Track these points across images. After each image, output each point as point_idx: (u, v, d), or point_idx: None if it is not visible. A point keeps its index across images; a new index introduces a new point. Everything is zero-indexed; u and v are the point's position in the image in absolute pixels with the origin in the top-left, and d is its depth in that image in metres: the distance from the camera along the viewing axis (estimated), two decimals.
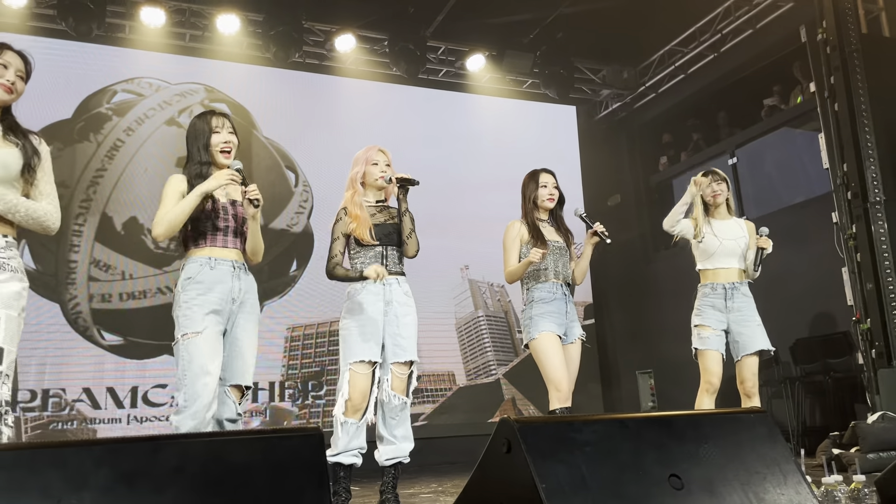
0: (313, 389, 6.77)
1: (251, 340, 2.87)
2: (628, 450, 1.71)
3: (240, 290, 2.84)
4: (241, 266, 2.88)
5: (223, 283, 2.80)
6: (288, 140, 7.19)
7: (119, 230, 6.42)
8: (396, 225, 3.30)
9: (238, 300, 2.84)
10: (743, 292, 3.82)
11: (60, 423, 5.91)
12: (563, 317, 3.53)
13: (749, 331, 3.74)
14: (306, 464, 1.44)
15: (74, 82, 6.53)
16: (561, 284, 3.58)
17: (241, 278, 2.85)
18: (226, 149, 2.91)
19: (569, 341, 3.56)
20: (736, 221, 3.96)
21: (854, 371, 5.80)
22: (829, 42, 5.92)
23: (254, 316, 2.90)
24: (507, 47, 7.48)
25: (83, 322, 6.16)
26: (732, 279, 3.82)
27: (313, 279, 6.85)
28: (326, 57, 7.31)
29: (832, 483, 2.26)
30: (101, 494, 1.30)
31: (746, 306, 3.79)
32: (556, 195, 3.67)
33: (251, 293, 2.90)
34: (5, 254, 2.35)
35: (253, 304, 2.90)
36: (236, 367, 2.82)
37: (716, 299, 3.80)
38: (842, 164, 5.80)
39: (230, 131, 2.95)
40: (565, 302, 3.57)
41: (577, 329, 3.61)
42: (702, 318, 3.80)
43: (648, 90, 8.21)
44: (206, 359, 2.69)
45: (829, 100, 5.93)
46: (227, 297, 2.80)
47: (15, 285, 2.35)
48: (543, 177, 3.69)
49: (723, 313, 3.78)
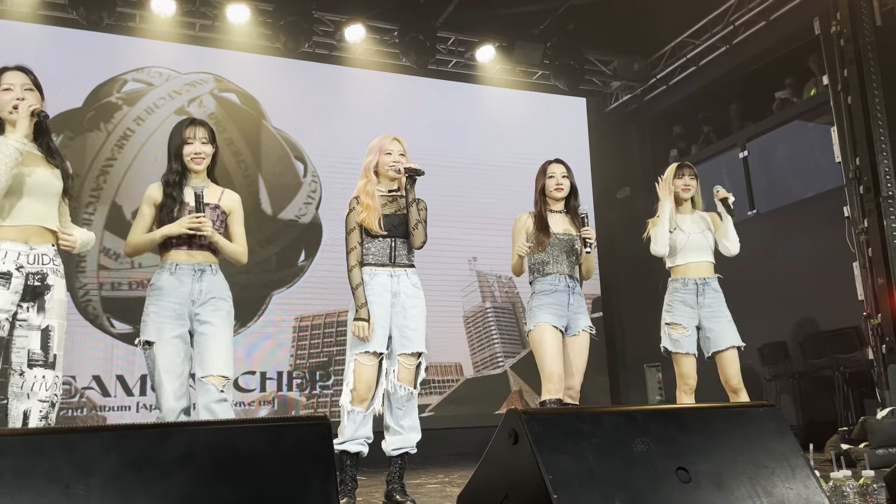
0: (321, 379, 6.79)
1: (217, 333, 2.90)
2: (636, 442, 1.71)
3: (200, 292, 2.91)
4: (206, 268, 2.95)
5: (183, 286, 2.90)
6: (297, 130, 7.18)
7: (129, 219, 6.44)
8: (406, 215, 3.29)
9: (199, 301, 2.90)
10: (713, 287, 3.78)
11: (70, 410, 5.96)
12: (563, 308, 3.50)
13: (720, 326, 3.71)
14: (314, 452, 1.44)
15: (85, 71, 6.54)
16: (564, 276, 3.54)
17: (202, 280, 2.93)
18: (196, 160, 3.00)
19: (571, 333, 3.53)
20: (700, 215, 3.95)
21: (864, 366, 5.77)
22: (843, 34, 5.86)
23: (220, 312, 2.93)
24: (518, 38, 7.45)
25: (93, 310, 6.19)
26: (703, 274, 3.79)
27: (321, 270, 6.86)
28: (336, 47, 7.30)
29: (841, 478, 2.25)
30: (109, 480, 1.30)
31: (717, 302, 3.75)
32: (564, 185, 3.63)
33: (215, 292, 2.94)
34: (57, 261, 2.62)
35: (216, 303, 2.93)
36: (207, 359, 2.88)
37: (687, 295, 3.77)
38: (854, 158, 5.75)
39: (203, 141, 3.02)
40: (568, 294, 3.53)
41: (583, 321, 3.56)
42: (673, 316, 3.78)
43: (659, 82, 8.15)
44: (163, 372, 2.83)
45: (843, 93, 5.88)
46: (185, 299, 2.89)
47: (62, 292, 2.61)
48: (552, 167, 3.67)
49: (694, 309, 3.75)
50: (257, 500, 1.37)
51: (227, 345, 2.92)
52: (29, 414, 2.45)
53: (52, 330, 2.53)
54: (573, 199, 3.68)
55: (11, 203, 2.53)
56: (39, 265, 2.54)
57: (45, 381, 2.48)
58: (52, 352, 2.51)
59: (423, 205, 3.35)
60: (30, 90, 2.63)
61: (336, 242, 3.44)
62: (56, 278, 2.58)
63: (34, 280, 2.52)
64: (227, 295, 2.99)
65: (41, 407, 2.46)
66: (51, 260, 2.58)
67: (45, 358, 2.49)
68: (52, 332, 2.53)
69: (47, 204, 2.60)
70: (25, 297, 2.51)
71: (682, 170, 3.95)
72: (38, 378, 2.46)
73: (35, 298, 2.52)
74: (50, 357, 2.50)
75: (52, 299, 2.55)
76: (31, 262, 2.53)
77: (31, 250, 2.53)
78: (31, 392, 2.45)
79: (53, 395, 2.50)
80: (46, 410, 2.48)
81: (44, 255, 2.56)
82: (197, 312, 2.90)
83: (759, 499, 1.69)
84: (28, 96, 2.61)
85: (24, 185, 2.54)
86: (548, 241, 3.53)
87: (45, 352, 2.50)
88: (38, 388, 2.46)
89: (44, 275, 2.54)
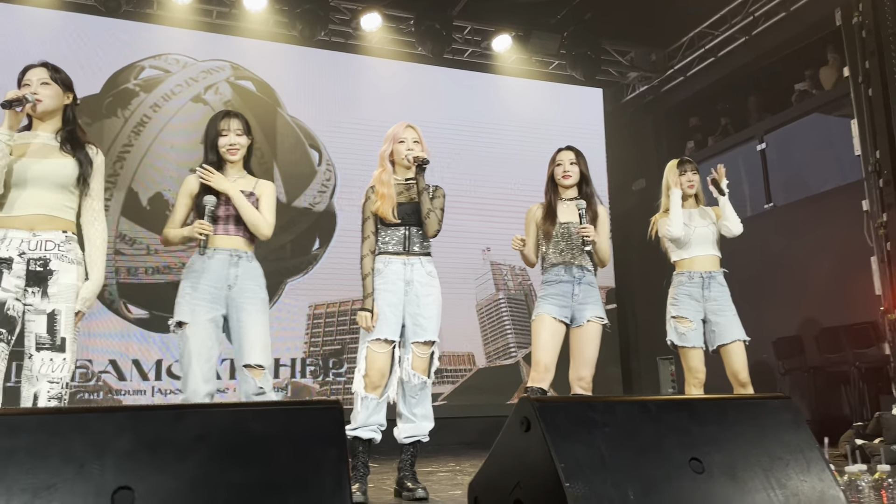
0: (334, 367, 6.82)
1: (252, 321, 2.96)
2: (649, 432, 1.70)
3: (236, 277, 2.97)
4: (241, 254, 3.03)
5: (218, 271, 2.97)
6: (312, 119, 7.19)
7: (145, 205, 6.49)
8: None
9: (235, 286, 2.97)
10: (719, 281, 3.75)
11: (87, 394, 6.02)
12: (567, 299, 3.46)
13: (725, 320, 3.68)
14: (326, 436, 1.44)
15: (103, 58, 6.58)
16: (571, 266, 3.48)
17: (238, 265, 2.99)
18: (231, 150, 3.08)
19: (577, 324, 3.48)
20: (703, 209, 3.92)
21: (880, 361, 5.71)
22: (865, 26, 5.78)
23: (255, 299, 2.99)
24: (534, 27, 7.40)
25: (109, 295, 6.25)
26: (709, 268, 3.76)
27: (335, 258, 6.88)
28: (352, 35, 7.29)
29: (856, 472, 2.23)
30: (123, 460, 1.31)
31: (722, 296, 3.73)
32: (572, 172, 3.56)
33: (250, 279, 3.00)
34: (66, 247, 2.62)
35: (253, 290, 3.00)
36: (243, 348, 2.94)
37: (692, 288, 3.75)
38: (874, 151, 5.68)
39: (238, 132, 3.10)
40: (573, 284, 3.47)
41: (590, 311, 3.46)
42: (678, 309, 3.76)
43: (677, 73, 8.08)
44: (192, 353, 2.89)
45: (864, 85, 5.80)
46: (221, 283, 2.96)
47: (71, 277, 2.61)
48: (560, 155, 3.62)
49: (699, 302, 3.73)
50: (269, 482, 1.37)
51: (262, 332, 2.97)
52: (38, 396, 2.49)
53: (58, 314, 2.55)
54: (585, 187, 3.60)
55: (17, 194, 2.58)
56: (42, 251, 2.56)
57: (53, 363, 2.51)
58: (58, 335, 2.54)
59: (441, 192, 3.34)
60: (45, 84, 2.65)
61: (350, 231, 3.45)
62: (62, 263, 2.59)
63: (36, 265, 2.55)
64: (262, 282, 3.05)
65: (49, 388, 2.50)
66: (56, 246, 2.59)
67: (52, 341, 2.52)
68: (59, 315, 2.55)
69: (56, 193, 2.62)
70: (30, 282, 2.55)
71: (683, 165, 3.90)
72: (46, 361, 2.50)
73: (39, 283, 2.55)
74: (57, 340, 2.53)
75: (58, 283, 2.57)
76: (33, 248, 2.56)
77: (34, 237, 2.57)
78: (39, 374, 2.49)
79: (62, 378, 2.53)
80: (56, 392, 2.51)
81: (48, 242, 2.58)
82: (232, 298, 2.96)
83: (773, 491, 1.67)
84: (42, 90, 2.63)
85: (29, 175, 2.58)
86: (553, 231, 3.49)
87: (51, 335, 2.53)
88: (46, 371, 2.50)
89: (46, 260, 2.56)
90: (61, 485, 1.26)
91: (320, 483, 1.39)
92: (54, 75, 2.69)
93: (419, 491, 3.11)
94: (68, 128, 2.72)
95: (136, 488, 1.30)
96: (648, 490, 1.59)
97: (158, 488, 1.31)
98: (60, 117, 2.71)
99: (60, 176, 2.63)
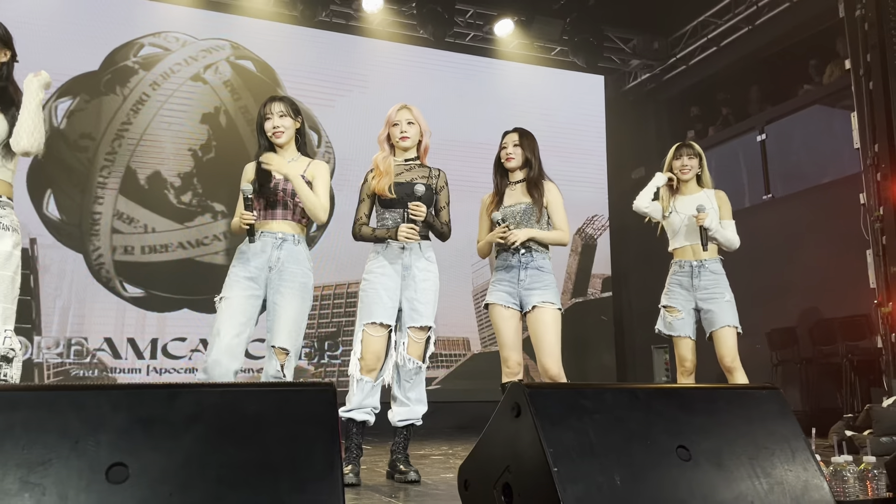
0: (329, 349, 6.85)
1: (285, 304, 2.99)
2: (637, 419, 1.72)
3: (278, 260, 3.01)
4: (288, 237, 3.05)
5: (263, 253, 3.01)
6: (312, 99, 7.17)
7: (143, 184, 6.48)
8: (425, 187, 3.25)
9: (276, 268, 3.01)
10: (711, 269, 3.70)
11: (82, 371, 6.05)
12: (513, 285, 3.35)
13: (716, 307, 3.65)
14: (319, 417, 1.46)
15: (102, 34, 6.54)
16: (518, 251, 3.35)
17: (282, 248, 3.03)
18: (277, 133, 3.11)
19: (526, 310, 3.35)
20: (705, 194, 3.82)
21: (872, 354, 5.75)
22: (868, 18, 5.76)
23: (292, 283, 3.01)
24: (537, 13, 7.36)
25: (106, 273, 6.26)
26: (700, 256, 3.72)
27: (332, 240, 6.89)
28: (353, 17, 7.25)
29: (841, 462, 2.25)
30: (118, 437, 1.33)
31: (714, 284, 3.68)
32: (514, 155, 3.45)
33: (291, 262, 3.03)
34: (1, 212, 2.46)
35: (292, 272, 3.02)
36: (274, 329, 3.00)
37: (682, 277, 3.75)
38: (873, 145, 5.68)
39: (281, 115, 3.12)
40: (518, 269, 3.35)
41: (537, 296, 3.30)
42: (668, 298, 3.78)
43: (679, 62, 8.06)
44: (223, 321, 2.93)
45: (864, 78, 5.79)
46: (264, 265, 3.01)
47: (6, 244, 2.44)
48: (505, 138, 3.52)
49: (689, 292, 3.72)
50: (261, 462, 1.39)
51: (293, 317, 3.00)
52: None
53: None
54: (530, 171, 3.45)
55: None
56: None
57: None
58: None
59: (444, 178, 3.35)
60: None
61: (349, 213, 3.46)
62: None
63: None
64: (305, 266, 3.07)
65: None
66: None
67: None
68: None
69: None
70: None
71: (680, 150, 3.87)
72: None
73: None
74: None
75: None
76: None
77: None
78: None
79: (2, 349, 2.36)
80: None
81: None
82: (272, 280, 3.00)
83: (758, 479, 1.70)
84: None
85: None
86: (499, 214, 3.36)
87: None
88: None
89: None
90: (56, 460, 1.28)
91: (312, 464, 1.41)
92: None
93: (412, 473, 3.14)
94: (3, 83, 2.54)
95: (130, 465, 1.32)
96: (635, 476, 1.61)
97: (152, 465, 1.33)
98: None
99: None
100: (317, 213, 3.06)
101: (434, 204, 3.31)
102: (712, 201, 3.79)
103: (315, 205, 3.04)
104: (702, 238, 3.63)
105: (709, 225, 3.62)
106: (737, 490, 1.67)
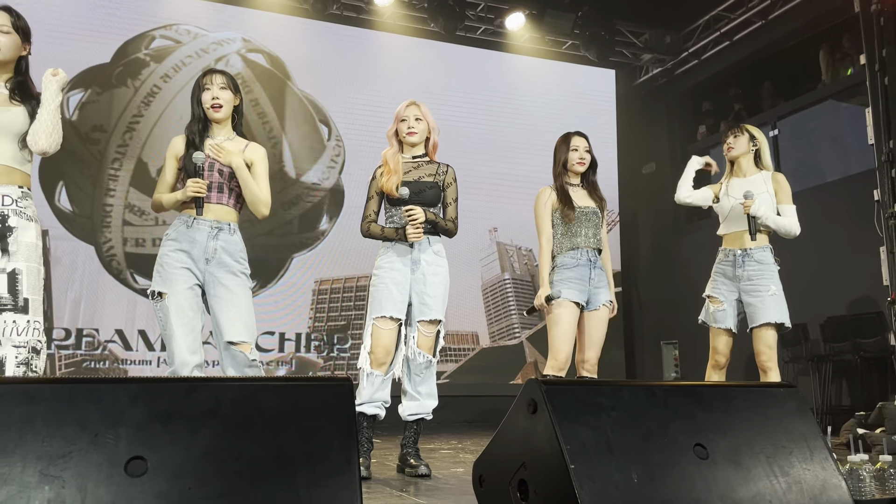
0: (338, 343, 6.86)
1: (231, 296, 2.78)
2: (654, 417, 1.71)
3: (214, 250, 2.79)
4: (224, 226, 2.83)
5: (196, 242, 2.78)
6: (322, 93, 7.17)
7: (154, 176, 6.49)
8: (431, 184, 3.28)
9: (214, 260, 2.79)
10: (757, 259, 3.47)
11: (93, 362, 6.08)
12: (585, 283, 3.46)
13: (759, 301, 3.42)
14: (336, 412, 1.46)
15: (113, 27, 6.55)
16: (588, 251, 3.49)
17: (218, 238, 2.80)
18: (214, 104, 2.87)
19: (592, 308, 3.49)
20: (762, 176, 3.60)
21: (885, 352, 5.72)
22: (884, 13, 5.70)
23: (233, 273, 2.81)
24: (548, 6, 7.33)
25: (117, 265, 6.28)
26: (745, 245, 3.50)
27: (343, 234, 6.89)
28: (364, 10, 7.23)
29: (857, 461, 2.24)
30: (137, 431, 1.33)
31: (759, 275, 3.45)
32: (587, 159, 3.56)
33: (228, 253, 2.81)
34: (23, 203, 2.50)
35: (230, 265, 2.81)
36: (221, 324, 2.77)
37: (726, 267, 3.56)
38: (888, 141, 5.63)
39: (222, 86, 2.88)
40: (590, 268, 3.47)
41: (604, 295, 3.49)
42: (712, 289, 3.59)
43: (691, 56, 8.00)
44: (175, 324, 2.73)
45: (880, 73, 5.74)
46: (199, 255, 2.78)
47: (31, 235, 2.48)
48: (575, 140, 3.58)
49: (733, 282, 3.52)
50: (279, 456, 1.39)
51: (243, 307, 2.79)
52: (4, 361, 2.34)
53: (19, 273, 2.40)
54: (591, 174, 3.62)
55: None
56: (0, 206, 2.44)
57: (17, 325, 2.37)
58: (21, 296, 2.39)
59: (452, 175, 3.34)
60: (6, 33, 2.49)
61: (359, 208, 3.45)
62: (22, 220, 2.46)
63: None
64: (241, 256, 2.85)
65: (17, 353, 2.35)
66: (14, 201, 2.45)
67: (14, 302, 2.38)
68: (20, 275, 2.40)
69: (12, 143, 2.48)
70: None
71: (727, 130, 3.75)
72: (9, 323, 2.36)
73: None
74: (20, 301, 2.38)
75: (18, 242, 2.43)
76: None
77: None
78: (3, 338, 2.35)
79: (29, 341, 2.38)
80: (25, 357, 2.37)
81: (5, 197, 2.44)
82: (210, 271, 2.79)
83: (776, 478, 1.69)
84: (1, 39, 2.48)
85: None
86: (573, 215, 3.49)
87: (13, 296, 2.38)
88: (10, 334, 2.35)
89: (4, 216, 2.43)
90: (76, 453, 1.28)
91: (330, 458, 1.41)
92: (16, 23, 2.51)
93: (422, 468, 3.14)
94: (19, 78, 2.55)
95: (148, 459, 1.32)
96: (652, 474, 1.60)
97: (170, 459, 1.33)
98: (13, 67, 2.55)
99: (16, 125, 2.48)
100: (258, 207, 2.87)
101: (441, 200, 3.32)
102: (767, 184, 3.58)
103: (258, 198, 2.85)
104: (749, 226, 3.44)
105: (755, 213, 3.43)
106: (754, 489, 1.66)
